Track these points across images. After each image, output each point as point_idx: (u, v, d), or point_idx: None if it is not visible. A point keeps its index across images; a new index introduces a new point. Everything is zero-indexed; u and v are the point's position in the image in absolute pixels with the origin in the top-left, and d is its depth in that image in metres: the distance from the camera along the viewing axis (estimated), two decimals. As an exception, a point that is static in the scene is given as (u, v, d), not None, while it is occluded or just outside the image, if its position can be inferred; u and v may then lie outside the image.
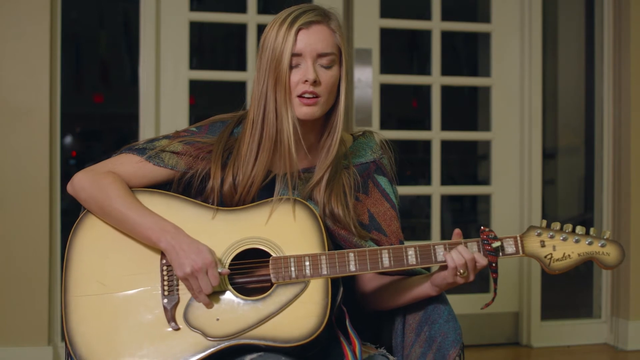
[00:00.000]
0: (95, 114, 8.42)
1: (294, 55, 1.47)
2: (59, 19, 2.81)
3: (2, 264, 2.72)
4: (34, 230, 2.73)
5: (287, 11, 1.51)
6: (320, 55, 1.49)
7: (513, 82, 3.27)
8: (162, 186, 1.56)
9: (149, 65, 2.89)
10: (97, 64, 7.67)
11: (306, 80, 1.47)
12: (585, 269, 4.49)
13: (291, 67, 1.48)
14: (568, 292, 4.19)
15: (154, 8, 2.89)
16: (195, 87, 3.02)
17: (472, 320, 3.19)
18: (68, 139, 8.56)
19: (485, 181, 3.56)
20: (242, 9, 3.01)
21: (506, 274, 3.25)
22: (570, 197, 5.35)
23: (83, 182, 1.51)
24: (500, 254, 1.46)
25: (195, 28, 3.02)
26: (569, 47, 5.01)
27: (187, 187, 1.56)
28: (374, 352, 1.55)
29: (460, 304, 3.16)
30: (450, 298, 1.55)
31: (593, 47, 3.44)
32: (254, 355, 1.39)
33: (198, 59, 6.50)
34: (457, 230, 1.49)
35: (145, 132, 2.88)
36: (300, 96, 1.48)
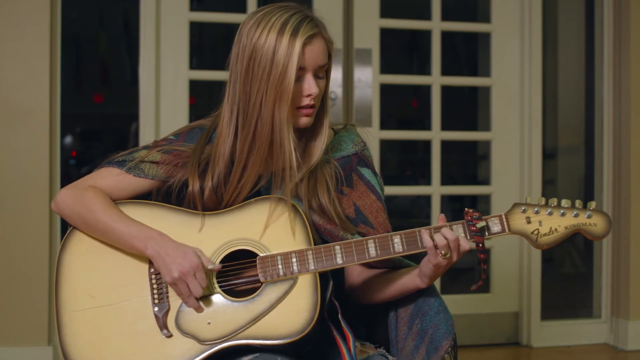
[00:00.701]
0: (95, 114, 8.42)
1: (298, 69, 1.45)
2: (59, 19, 2.81)
3: (2, 264, 2.72)
4: (34, 230, 2.73)
5: (279, 16, 1.46)
6: (320, 67, 1.49)
7: (513, 82, 3.27)
8: (144, 196, 1.57)
9: (149, 65, 2.89)
10: (97, 64, 7.67)
11: (309, 95, 1.47)
12: (585, 269, 4.49)
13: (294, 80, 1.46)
14: (568, 292, 4.19)
15: (154, 8, 2.89)
16: (195, 87, 3.02)
17: (472, 320, 3.19)
18: (68, 139, 8.56)
19: (485, 181, 3.56)
20: (242, 9, 3.01)
21: (506, 274, 3.25)
22: (570, 197, 5.32)
23: (66, 199, 1.52)
24: (486, 233, 1.45)
25: (195, 28, 3.02)
26: (569, 47, 5.01)
27: (165, 196, 1.56)
28: (373, 352, 1.55)
29: (460, 304, 3.16)
30: (450, 298, 1.55)
31: (593, 47, 3.44)
32: (250, 357, 1.39)
33: (198, 59, 6.50)
34: (441, 215, 1.48)
35: (145, 132, 2.89)
36: (299, 107, 1.48)
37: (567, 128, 5.25)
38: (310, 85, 1.47)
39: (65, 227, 1.56)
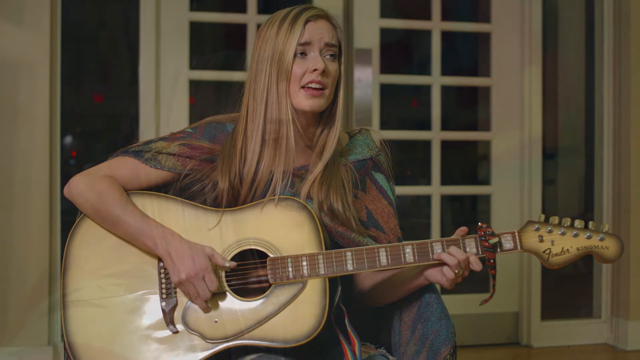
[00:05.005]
0: (95, 114, 8.42)
1: (300, 44, 1.47)
2: (59, 19, 2.81)
3: (2, 264, 2.71)
4: (34, 230, 2.73)
5: (286, 9, 1.52)
6: (328, 45, 1.50)
7: (513, 82, 3.27)
8: (160, 188, 1.56)
9: (149, 65, 2.89)
10: (97, 64, 7.67)
11: (315, 69, 1.47)
12: (585, 269, 4.49)
13: (295, 56, 1.48)
14: (568, 292, 4.18)
15: (154, 8, 2.89)
16: (196, 87, 3.02)
17: (472, 320, 3.19)
18: (68, 139, 8.56)
19: (485, 181, 3.55)
20: (242, 9, 3.01)
21: (506, 273, 3.25)
22: (570, 197, 5.35)
23: (80, 186, 1.51)
24: (498, 250, 1.45)
25: (196, 28, 3.02)
26: (569, 47, 5.01)
27: (182, 190, 1.56)
28: (374, 352, 1.55)
29: (460, 304, 3.16)
30: (450, 298, 1.55)
31: (593, 47, 3.43)
32: (254, 356, 1.39)
33: (198, 59, 6.51)
34: (463, 228, 1.48)
35: (145, 132, 2.88)
36: (306, 87, 1.48)
37: (567, 128, 5.24)
38: (315, 61, 1.48)
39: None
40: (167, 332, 1.42)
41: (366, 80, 3.07)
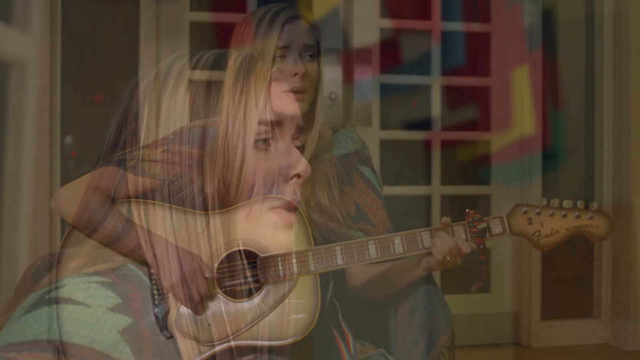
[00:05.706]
0: (95, 114, 8.41)
1: (279, 48, 1.46)
2: (59, 18, 2.81)
3: (2, 264, 2.71)
4: (34, 230, 2.73)
5: (262, 9, 1.50)
6: (306, 47, 1.48)
7: (513, 82, 3.27)
8: (146, 195, 1.56)
9: (149, 66, 2.89)
10: (97, 64, 7.67)
11: (296, 74, 1.46)
12: (585, 269, 4.49)
13: (274, 60, 1.46)
14: (568, 292, 4.18)
15: (154, 8, 2.89)
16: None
17: (471, 321, 3.19)
18: (68, 139, 8.57)
19: (485, 181, 3.56)
20: (242, 9, 3.01)
21: (506, 273, 3.25)
22: (570, 197, 5.34)
23: (65, 198, 1.51)
24: (487, 235, 1.44)
25: (196, 28, 3.03)
26: (569, 47, 5.01)
27: (169, 196, 1.56)
28: (373, 352, 1.55)
29: (459, 304, 3.16)
30: (449, 298, 1.55)
31: (593, 46, 3.43)
32: (249, 357, 1.39)
33: (195, 58, 6.49)
34: (445, 219, 1.48)
35: (145, 132, 2.88)
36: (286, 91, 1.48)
37: (567, 128, 5.24)
38: (295, 65, 1.46)
39: (65, 226, 1.56)
40: (161, 339, 1.42)
41: (366, 80, 3.08)
